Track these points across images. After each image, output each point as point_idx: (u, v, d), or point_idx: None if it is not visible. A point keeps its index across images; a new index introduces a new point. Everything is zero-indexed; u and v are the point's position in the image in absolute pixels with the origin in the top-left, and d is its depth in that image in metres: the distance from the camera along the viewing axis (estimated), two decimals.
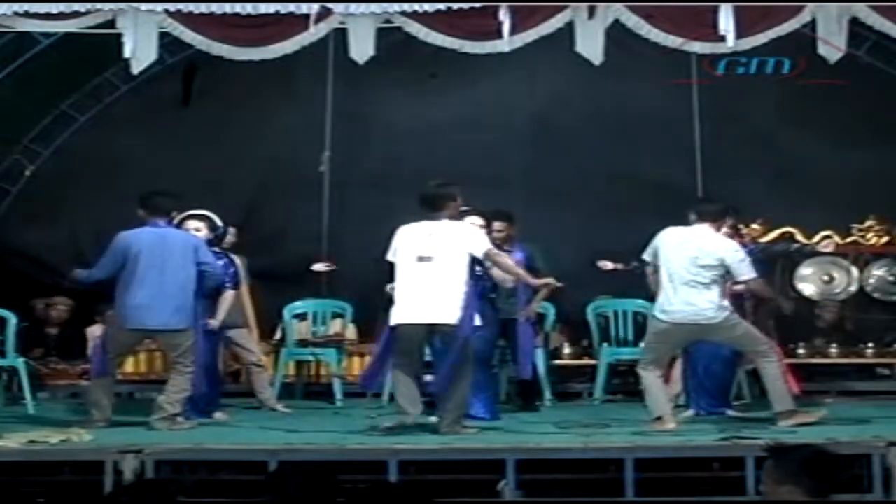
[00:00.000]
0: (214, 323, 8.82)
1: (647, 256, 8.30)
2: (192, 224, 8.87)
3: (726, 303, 8.12)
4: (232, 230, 9.47)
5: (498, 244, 8.63)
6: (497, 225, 9.02)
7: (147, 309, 8.25)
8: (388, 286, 8.32)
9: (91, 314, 11.39)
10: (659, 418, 7.98)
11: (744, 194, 10.94)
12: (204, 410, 8.82)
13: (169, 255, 8.29)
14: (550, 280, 8.50)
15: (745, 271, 8.12)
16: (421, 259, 7.95)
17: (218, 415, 8.92)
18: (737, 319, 8.22)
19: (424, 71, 11.66)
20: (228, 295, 8.99)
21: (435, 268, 7.90)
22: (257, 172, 12.52)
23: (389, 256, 8.12)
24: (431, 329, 8.01)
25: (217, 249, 8.98)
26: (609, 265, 10.18)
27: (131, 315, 8.30)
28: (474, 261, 8.06)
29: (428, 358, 9.06)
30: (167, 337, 8.39)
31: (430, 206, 8.07)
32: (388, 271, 8.16)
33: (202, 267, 8.39)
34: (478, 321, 8.03)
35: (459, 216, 8.23)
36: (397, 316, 8.00)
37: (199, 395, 8.58)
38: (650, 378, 8.13)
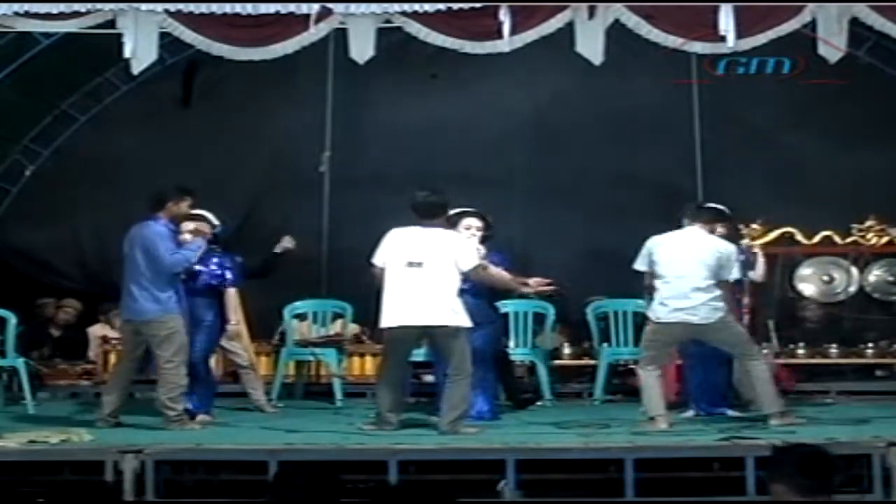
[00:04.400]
0: (233, 321, 8.97)
1: (641, 266, 8.31)
2: (189, 225, 8.85)
3: (721, 304, 8.15)
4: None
5: None
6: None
7: (126, 300, 8.38)
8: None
9: (95, 314, 11.39)
10: (652, 418, 8.00)
11: (744, 194, 10.94)
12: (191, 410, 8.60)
13: (138, 246, 8.31)
14: (548, 282, 8.39)
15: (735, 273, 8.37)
16: (411, 264, 7.96)
17: (201, 417, 8.63)
18: (730, 321, 8.26)
19: (424, 71, 11.66)
20: (230, 293, 9.01)
21: (425, 273, 7.93)
22: (257, 172, 12.52)
23: (375, 260, 8.11)
24: (424, 332, 8.04)
25: (217, 249, 9.02)
26: None
27: (121, 307, 8.52)
28: None
29: (427, 358, 9.10)
30: (143, 326, 8.38)
31: (423, 215, 8.10)
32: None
33: (156, 259, 8.28)
34: (469, 322, 8.04)
35: (450, 224, 8.30)
36: (388, 319, 8.02)
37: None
38: (650, 378, 8.15)
